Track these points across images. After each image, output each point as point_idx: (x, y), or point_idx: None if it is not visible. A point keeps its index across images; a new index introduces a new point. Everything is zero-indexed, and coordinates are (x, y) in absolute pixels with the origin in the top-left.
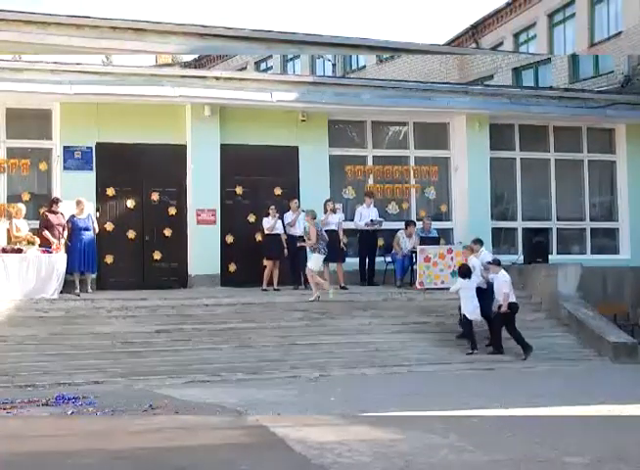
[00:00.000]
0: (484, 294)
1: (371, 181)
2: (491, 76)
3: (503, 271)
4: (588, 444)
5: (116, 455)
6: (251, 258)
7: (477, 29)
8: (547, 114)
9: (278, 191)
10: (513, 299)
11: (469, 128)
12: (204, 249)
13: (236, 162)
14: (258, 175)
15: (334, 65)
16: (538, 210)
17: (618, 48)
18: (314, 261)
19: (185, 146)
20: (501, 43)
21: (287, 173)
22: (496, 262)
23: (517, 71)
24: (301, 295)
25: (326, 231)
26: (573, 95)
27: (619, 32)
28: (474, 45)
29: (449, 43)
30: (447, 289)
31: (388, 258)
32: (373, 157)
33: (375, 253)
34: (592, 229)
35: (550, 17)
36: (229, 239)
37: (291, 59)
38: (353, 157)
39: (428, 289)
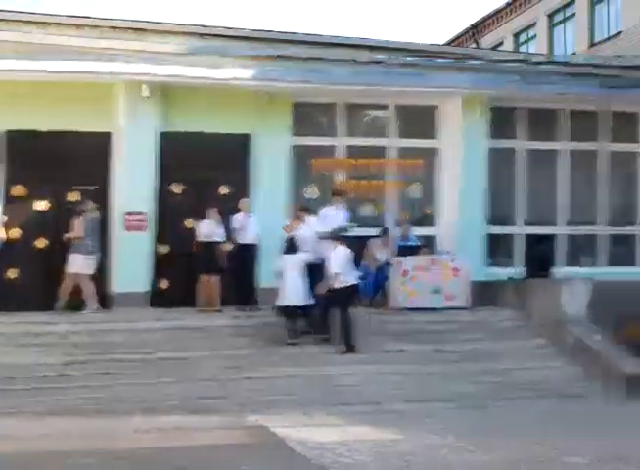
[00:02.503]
0: (319, 271)
1: (341, 177)
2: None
3: (340, 247)
4: (588, 444)
5: (117, 455)
6: (189, 273)
7: (477, 29)
8: (561, 94)
9: (224, 190)
10: (353, 280)
11: (465, 112)
12: (131, 261)
13: (177, 154)
14: (203, 170)
15: None
16: (544, 212)
17: (618, 48)
18: (77, 264)
19: (114, 134)
20: (501, 43)
21: (239, 168)
22: (334, 237)
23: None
24: (248, 317)
25: None
26: (593, 71)
27: (619, 32)
28: (474, 45)
29: (449, 43)
30: (431, 310)
31: (359, 272)
32: (345, 147)
33: None
34: (608, 236)
35: (550, 17)
36: (163, 249)
37: None
38: (321, 147)
39: (404, 309)
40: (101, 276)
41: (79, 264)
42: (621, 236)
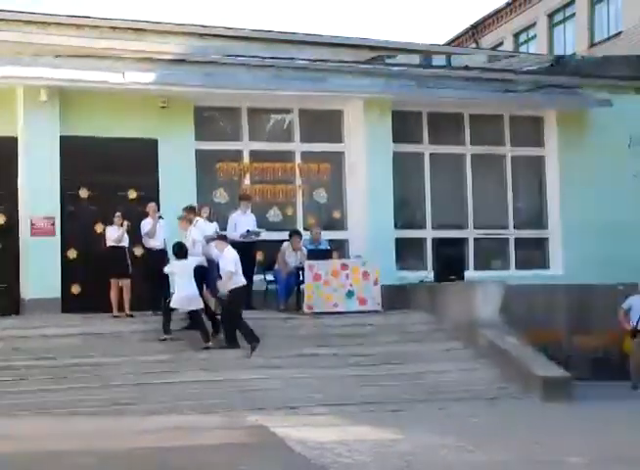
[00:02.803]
0: (207, 273)
1: (248, 182)
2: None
3: (229, 248)
4: (588, 444)
5: (116, 455)
6: (100, 278)
7: (477, 29)
8: (462, 99)
9: (133, 194)
10: (242, 281)
11: (367, 117)
12: (40, 266)
13: (80, 158)
14: (108, 175)
15: None
16: (452, 216)
17: (618, 48)
18: None
19: (15, 139)
20: (501, 43)
21: (144, 172)
22: (222, 237)
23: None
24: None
25: None
26: (494, 76)
27: (619, 32)
28: (474, 45)
29: (449, 43)
30: (344, 313)
31: (270, 277)
32: (250, 152)
33: (253, 270)
34: (517, 239)
35: (550, 17)
36: (72, 254)
37: None
38: (226, 152)
39: (318, 313)
40: (12, 282)
41: None
42: (531, 239)
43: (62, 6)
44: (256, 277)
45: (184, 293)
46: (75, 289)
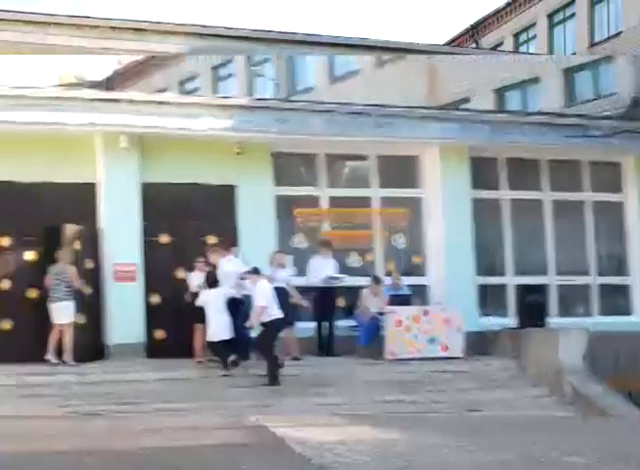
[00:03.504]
0: (241, 306)
1: (327, 227)
2: (467, 99)
3: (264, 280)
4: (588, 444)
5: (117, 455)
6: (183, 323)
7: (477, 29)
8: (539, 144)
9: (212, 240)
10: (277, 314)
11: (444, 163)
12: (124, 312)
13: (160, 204)
14: (188, 221)
15: (277, 84)
16: (533, 262)
17: (618, 48)
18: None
19: (97, 185)
20: (501, 43)
21: (223, 218)
22: (255, 271)
23: (499, 93)
24: (245, 367)
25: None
26: (571, 121)
27: (619, 32)
28: (474, 45)
29: (449, 43)
30: (427, 359)
31: (352, 323)
32: (329, 197)
33: (334, 316)
34: (599, 285)
35: (550, 17)
36: (154, 299)
37: (223, 78)
38: (304, 197)
39: (400, 359)
40: (97, 327)
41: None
42: (614, 285)
43: (62, 6)
44: (339, 323)
45: (218, 322)
46: (159, 334)
